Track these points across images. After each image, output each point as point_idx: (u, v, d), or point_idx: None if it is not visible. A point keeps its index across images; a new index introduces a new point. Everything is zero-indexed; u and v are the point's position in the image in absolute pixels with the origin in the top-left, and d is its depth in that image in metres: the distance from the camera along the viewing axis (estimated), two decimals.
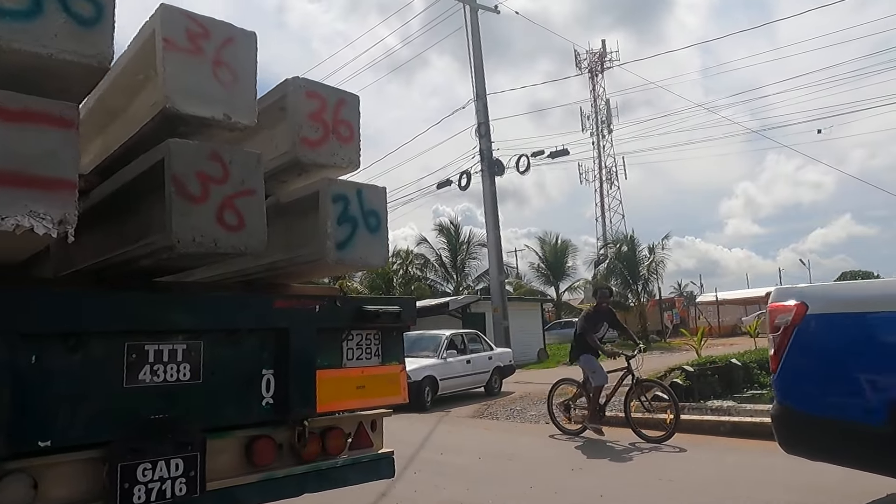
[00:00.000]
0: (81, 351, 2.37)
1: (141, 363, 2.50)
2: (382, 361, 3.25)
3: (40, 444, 2.26)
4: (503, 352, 15.35)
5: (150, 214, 2.50)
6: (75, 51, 2.01)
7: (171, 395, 2.57)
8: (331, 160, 3.02)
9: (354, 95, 3.17)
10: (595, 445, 7.81)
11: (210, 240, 2.33)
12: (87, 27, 2.04)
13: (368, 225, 2.97)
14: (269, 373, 2.86)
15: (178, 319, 2.59)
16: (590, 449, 7.62)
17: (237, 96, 2.52)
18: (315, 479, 2.99)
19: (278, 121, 3.04)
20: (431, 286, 35.04)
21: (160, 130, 2.47)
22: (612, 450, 7.52)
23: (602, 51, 49.92)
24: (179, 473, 2.54)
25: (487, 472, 6.48)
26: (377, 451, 3.29)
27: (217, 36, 2.49)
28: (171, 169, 2.27)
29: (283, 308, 2.88)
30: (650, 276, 33.52)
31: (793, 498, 5.03)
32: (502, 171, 21.83)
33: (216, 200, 2.35)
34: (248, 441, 2.81)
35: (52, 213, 1.85)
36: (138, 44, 2.53)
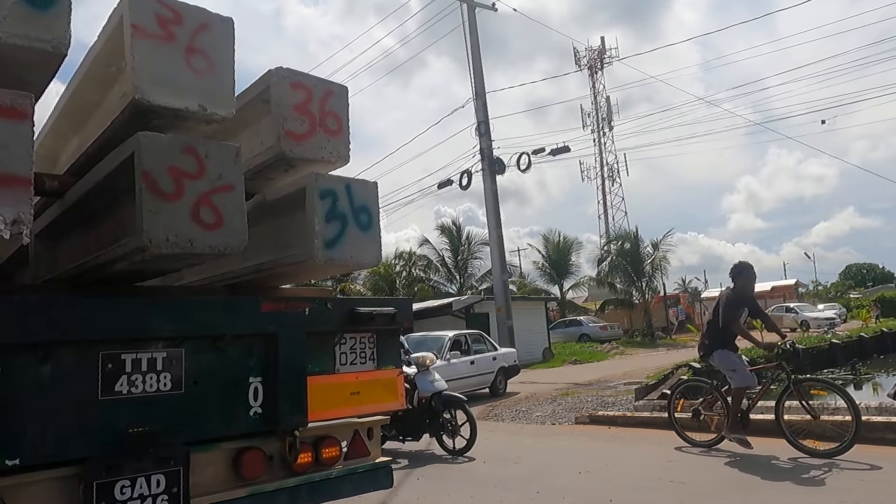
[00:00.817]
0: (51, 361, 2.22)
1: (117, 373, 2.34)
2: (378, 366, 3.09)
3: (8, 462, 2.10)
4: (507, 352, 15.18)
5: (123, 215, 2.34)
6: (27, 35, 1.85)
7: (151, 406, 2.41)
8: (318, 154, 2.85)
9: (342, 86, 3.00)
10: (749, 461, 6.15)
11: (185, 239, 2.16)
12: (41, 9, 1.88)
13: (359, 222, 2.81)
14: (257, 380, 2.70)
15: (156, 326, 2.43)
16: (747, 465, 6.02)
17: (213, 86, 2.35)
18: (308, 492, 2.83)
19: (262, 114, 2.88)
20: (434, 287, 34.89)
21: (132, 124, 2.30)
22: (775, 468, 5.88)
23: (601, 47, 49.74)
24: (161, 490, 2.39)
25: (493, 476, 6.31)
26: (374, 460, 3.14)
27: (190, 22, 2.32)
28: (140, 165, 2.10)
29: (271, 311, 2.72)
30: (654, 272, 33.39)
31: (804, 498, 4.85)
32: (503, 170, 21.66)
33: (191, 197, 2.19)
34: (235, 453, 2.66)
35: (3, 212, 1.70)
36: (108, 32, 2.37)
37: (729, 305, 6.72)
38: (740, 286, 6.83)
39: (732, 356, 6.70)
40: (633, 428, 8.51)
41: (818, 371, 15.77)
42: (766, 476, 5.57)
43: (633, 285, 33.62)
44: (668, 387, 10.66)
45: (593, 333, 31.07)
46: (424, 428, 7.55)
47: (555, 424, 9.58)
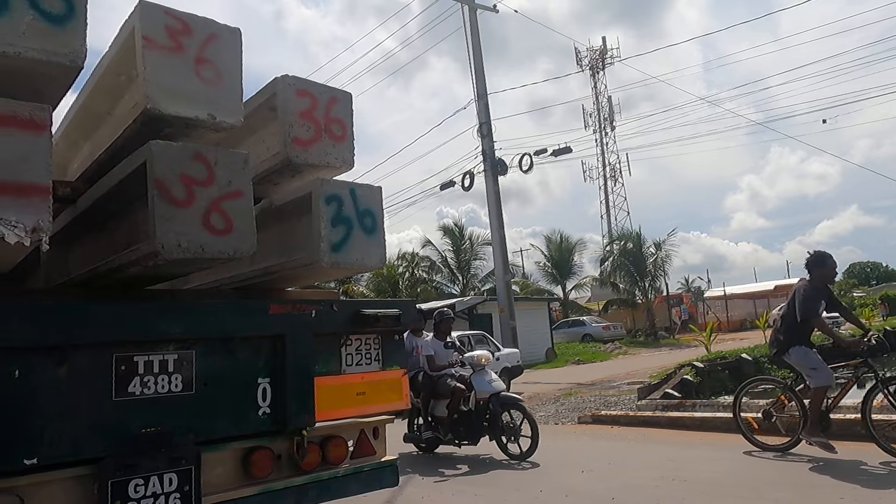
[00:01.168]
0: (67, 364, 2.28)
1: (130, 375, 2.41)
2: (383, 366, 3.15)
3: (26, 461, 2.17)
4: (511, 352, 15.24)
5: (135, 220, 2.41)
6: (45, 49, 1.91)
7: (163, 407, 2.48)
8: (324, 160, 2.92)
9: (346, 93, 3.07)
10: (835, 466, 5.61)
11: (196, 245, 2.23)
12: (58, 24, 1.94)
13: (364, 225, 2.87)
14: (265, 381, 2.77)
15: (168, 328, 2.50)
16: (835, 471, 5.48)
17: (222, 95, 2.42)
18: (315, 491, 2.89)
19: (268, 121, 2.95)
20: (437, 288, 34.93)
21: (143, 133, 2.37)
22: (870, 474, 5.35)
23: (603, 47, 49.78)
24: (173, 488, 2.45)
25: (497, 475, 6.37)
26: (380, 460, 3.19)
27: (199, 33, 2.39)
28: (153, 172, 2.17)
29: (279, 314, 2.78)
30: (657, 272, 33.41)
31: (812, 494, 4.90)
32: (505, 171, 21.68)
33: (202, 204, 2.25)
34: (244, 453, 2.72)
35: (24, 220, 1.76)
36: (119, 43, 2.44)
37: (807, 298, 6.17)
38: (817, 277, 6.30)
39: (811, 353, 6.26)
40: (636, 427, 8.55)
41: None
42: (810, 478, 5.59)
43: (635, 285, 33.65)
44: (671, 386, 10.73)
45: (596, 333, 31.09)
46: (482, 431, 7.16)
47: (558, 424, 9.62)
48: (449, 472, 6.62)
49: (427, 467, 6.91)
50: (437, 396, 7.43)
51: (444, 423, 7.31)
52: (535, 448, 6.69)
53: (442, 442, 7.39)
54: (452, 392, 7.21)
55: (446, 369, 7.52)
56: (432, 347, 7.66)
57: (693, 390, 11.10)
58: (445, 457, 7.43)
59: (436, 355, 7.57)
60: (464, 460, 7.16)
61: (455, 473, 6.60)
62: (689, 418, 8.20)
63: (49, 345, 2.23)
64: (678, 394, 10.31)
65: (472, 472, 6.64)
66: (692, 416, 8.27)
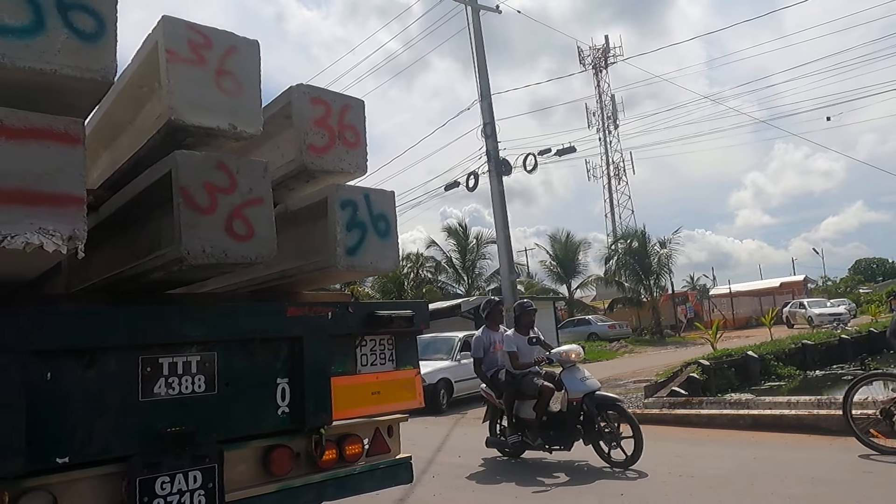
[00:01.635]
0: (96, 366, 2.37)
1: (156, 376, 2.50)
2: (397, 366, 3.23)
3: (58, 460, 2.26)
4: None
5: (160, 227, 2.50)
6: (79, 66, 2.01)
7: (187, 407, 2.56)
8: (338, 166, 3.01)
9: (359, 100, 3.16)
10: None
11: (220, 250, 2.32)
12: (90, 42, 2.04)
13: (378, 229, 2.96)
14: (284, 381, 2.85)
15: (191, 331, 2.59)
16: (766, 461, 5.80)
17: (242, 105, 2.52)
18: (333, 487, 2.98)
19: (284, 128, 3.03)
20: (443, 288, 34.99)
21: (166, 142, 2.46)
22: None
23: (605, 46, 49.74)
24: (198, 486, 2.53)
25: (507, 473, 6.43)
26: (395, 457, 3.28)
27: (219, 45, 2.48)
28: (178, 181, 2.26)
29: (296, 316, 2.86)
30: (662, 270, 33.38)
31: (820, 490, 4.96)
32: (510, 171, 21.71)
33: (224, 210, 2.34)
34: (264, 451, 2.80)
35: (60, 229, 1.85)
36: (142, 56, 2.53)
37: None
38: None
39: None
40: (643, 425, 8.49)
41: (827, 366, 15.82)
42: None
43: (641, 283, 33.63)
44: (678, 384, 10.77)
45: (602, 332, 31.10)
46: (576, 435, 6.37)
47: None
48: (548, 481, 5.96)
49: (519, 475, 6.24)
50: (522, 397, 6.75)
51: (532, 427, 6.61)
52: (639, 453, 5.92)
53: (530, 447, 6.68)
54: (540, 392, 6.52)
55: (531, 367, 6.83)
56: (514, 343, 6.90)
57: (699, 388, 11.14)
58: (536, 463, 6.73)
59: (519, 351, 6.85)
60: (557, 467, 6.45)
61: (555, 482, 5.91)
62: (696, 415, 8.27)
63: (79, 348, 2.32)
64: (685, 392, 10.36)
65: (574, 480, 5.91)
66: (699, 413, 8.34)
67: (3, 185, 1.79)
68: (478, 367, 7.23)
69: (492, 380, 7.07)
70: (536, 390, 6.56)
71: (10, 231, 1.77)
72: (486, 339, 7.16)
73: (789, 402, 8.40)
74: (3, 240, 1.75)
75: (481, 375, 7.22)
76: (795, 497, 4.82)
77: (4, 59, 1.87)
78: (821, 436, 6.73)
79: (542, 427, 6.54)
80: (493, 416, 7.30)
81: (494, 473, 6.49)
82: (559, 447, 6.49)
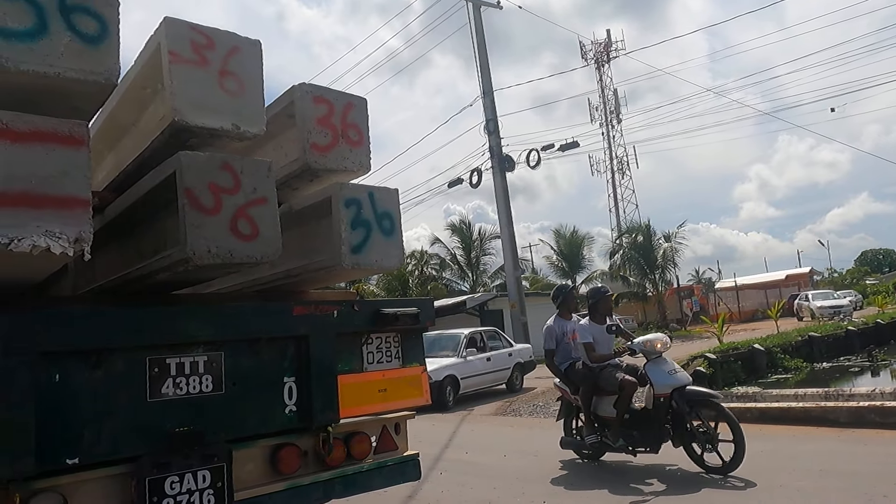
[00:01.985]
0: (104, 367, 2.38)
1: (163, 377, 2.51)
2: (403, 363, 3.24)
3: (68, 461, 2.28)
4: (523, 348, 15.29)
5: (165, 228, 2.50)
6: (82, 69, 2.01)
7: (195, 407, 2.58)
8: (341, 164, 3.01)
9: (362, 98, 3.16)
10: None
11: (225, 250, 2.33)
12: (93, 45, 2.04)
13: (382, 227, 2.96)
14: (291, 380, 2.86)
15: (197, 331, 2.60)
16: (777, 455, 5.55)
17: (245, 105, 2.52)
18: (341, 485, 2.99)
19: (287, 128, 3.04)
20: (447, 285, 34.98)
21: (170, 143, 2.47)
22: None
23: (607, 40, 49.55)
24: (207, 485, 2.54)
25: (514, 469, 6.45)
26: (402, 454, 3.28)
27: (222, 46, 2.49)
28: (183, 182, 2.27)
29: (302, 315, 2.87)
30: (667, 264, 33.31)
31: (829, 483, 4.95)
32: (513, 167, 21.75)
33: (229, 211, 2.35)
34: (272, 449, 2.82)
35: (67, 231, 1.86)
36: (145, 58, 2.54)
37: None
38: None
39: None
40: None
41: (834, 358, 15.77)
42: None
43: (646, 278, 33.59)
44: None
45: None
46: (664, 436, 5.65)
47: None
48: (645, 488, 5.30)
49: (608, 481, 5.65)
50: (600, 392, 6.09)
51: (613, 426, 5.92)
52: (741, 458, 5.22)
53: (611, 449, 6.02)
54: (621, 387, 5.84)
55: (610, 359, 6.21)
56: (590, 332, 6.24)
57: (706, 381, 11.12)
58: (619, 467, 6.11)
59: (595, 342, 6.19)
60: (646, 472, 5.76)
61: (652, 490, 5.24)
62: None
63: (86, 349, 2.34)
64: None
65: (672, 488, 5.22)
66: None
67: (9, 188, 1.80)
68: (550, 359, 6.64)
69: (566, 373, 6.46)
70: (616, 385, 5.88)
71: (17, 234, 1.78)
72: (558, 329, 6.56)
73: (796, 395, 8.39)
74: (10, 243, 1.76)
75: (554, 369, 6.62)
76: (804, 490, 4.81)
77: (8, 62, 1.88)
78: (828, 428, 6.73)
79: (625, 426, 5.87)
80: (568, 413, 6.68)
81: (579, 478, 5.92)
82: (644, 449, 5.80)
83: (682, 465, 5.69)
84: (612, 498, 5.15)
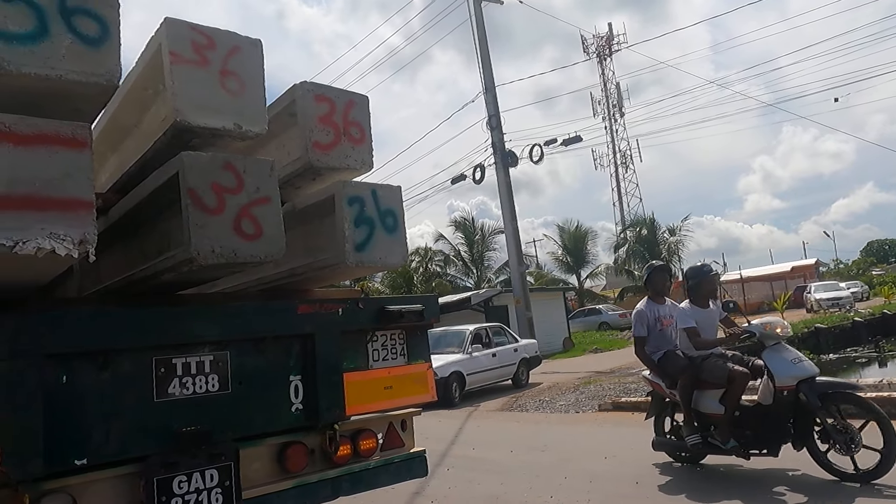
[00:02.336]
0: (110, 368, 2.39)
1: (170, 377, 2.52)
2: (409, 360, 3.25)
3: (77, 462, 2.28)
4: (528, 343, 15.29)
5: (169, 228, 2.51)
6: (84, 71, 2.02)
7: (202, 406, 2.58)
8: (344, 163, 3.01)
9: (363, 96, 3.16)
10: None
11: (229, 250, 2.33)
12: (94, 46, 2.05)
13: (385, 225, 2.96)
14: (297, 379, 2.87)
15: (203, 331, 2.60)
16: None
17: (246, 105, 2.52)
18: (349, 482, 2.99)
19: (288, 126, 3.04)
20: (452, 282, 35.02)
21: (172, 144, 2.48)
22: None
23: (609, 34, 49.49)
24: (215, 484, 2.55)
25: (521, 464, 6.46)
26: (409, 451, 3.29)
27: (222, 46, 2.49)
28: (186, 182, 2.27)
29: (307, 313, 2.88)
30: (672, 257, 33.26)
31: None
32: (516, 163, 21.74)
33: (232, 210, 2.35)
34: (279, 448, 2.82)
35: (71, 233, 1.86)
36: (146, 59, 2.54)
37: None
38: None
39: None
40: None
41: (841, 349, 15.74)
42: None
43: None
44: None
45: (613, 321, 31.04)
46: (785, 436, 4.86)
47: (579, 413, 9.70)
48: (788, 499, 4.49)
49: (728, 489, 4.84)
50: (704, 385, 5.26)
51: (721, 425, 5.09)
52: (891, 463, 4.36)
53: (718, 451, 5.17)
54: (731, 379, 5.04)
55: (715, 347, 5.44)
56: (691, 316, 5.49)
57: None
58: (730, 472, 5.29)
59: (699, 327, 5.42)
60: (768, 478, 4.95)
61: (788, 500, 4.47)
62: None
63: (93, 351, 2.34)
64: None
65: (496, 462, 5.42)
66: None
67: (14, 191, 1.81)
68: (640, 348, 5.78)
69: (660, 364, 5.60)
70: (725, 376, 5.08)
71: (22, 237, 1.79)
72: (649, 314, 5.71)
73: None
74: (14, 245, 1.77)
75: (645, 359, 5.77)
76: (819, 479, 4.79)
77: (10, 65, 1.89)
78: None
79: (736, 425, 5.07)
80: (660, 409, 5.87)
81: (687, 485, 5.08)
82: (760, 451, 4.97)
83: (804, 469, 4.92)
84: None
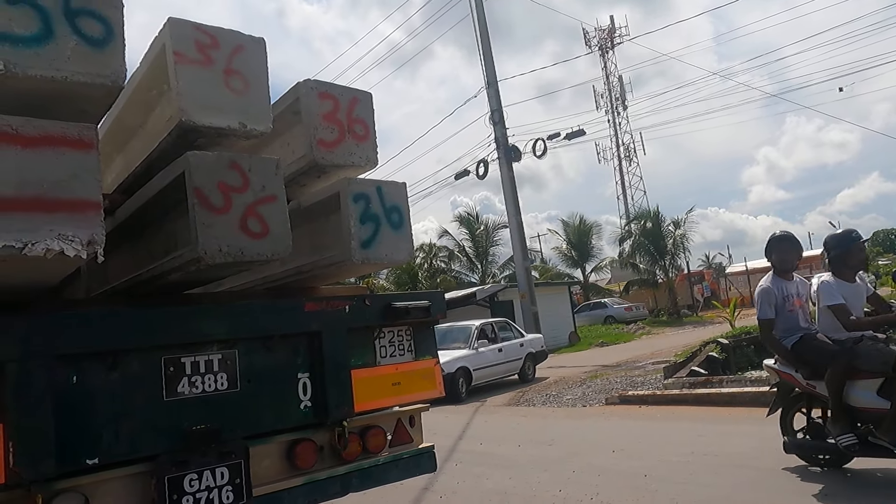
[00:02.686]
0: (120, 368, 2.41)
1: (179, 376, 2.53)
2: (416, 356, 3.25)
3: (88, 462, 2.30)
4: (534, 338, 15.31)
5: (176, 228, 2.52)
6: (89, 72, 2.02)
7: (211, 404, 2.60)
8: (348, 160, 3.01)
9: (367, 93, 3.16)
10: None
11: (236, 249, 2.34)
12: (99, 48, 2.05)
13: (391, 221, 2.96)
14: (305, 376, 2.88)
15: (211, 330, 2.62)
16: None
17: (251, 104, 2.52)
18: (358, 479, 3.00)
19: (293, 124, 3.04)
20: (457, 277, 35.02)
21: (178, 144, 2.48)
22: None
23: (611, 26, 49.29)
24: (225, 482, 2.57)
25: (529, 459, 6.47)
26: (417, 447, 3.30)
27: (226, 45, 2.49)
28: (192, 182, 2.28)
29: (314, 311, 2.89)
30: (677, 250, 33.20)
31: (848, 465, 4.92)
32: (519, 157, 21.73)
33: (239, 209, 2.36)
34: (289, 445, 2.83)
35: (79, 234, 1.87)
36: (150, 59, 2.55)
37: None
38: None
39: None
40: (663, 406, 8.61)
41: None
42: None
43: (656, 264, 33.48)
44: (697, 363, 10.74)
45: (618, 315, 31.05)
46: None
47: (585, 406, 9.71)
48: (483, 459, 4.91)
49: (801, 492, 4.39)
50: (857, 374, 4.40)
51: (885, 422, 4.21)
52: None
53: (874, 452, 4.34)
54: None
55: (871, 328, 4.59)
56: (838, 292, 4.57)
57: (719, 367, 11.10)
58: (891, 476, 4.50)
59: (848, 304, 4.53)
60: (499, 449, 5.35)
61: (487, 459, 4.97)
62: (717, 394, 8.26)
63: (102, 351, 2.36)
64: (705, 371, 10.32)
65: (504, 456, 5.28)
66: (720, 392, 8.32)
67: (22, 193, 1.81)
68: (767, 331, 4.89)
69: (795, 350, 4.73)
70: (891, 363, 4.23)
71: (31, 238, 1.80)
72: (777, 292, 4.85)
73: None
74: (24, 247, 1.77)
75: (773, 344, 4.88)
76: (823, 473, 4.79)
77: (16, 68, 1.89)
78: None
79: None
80: (790, 404, 5.00)
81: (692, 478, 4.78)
82: None
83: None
84: None
